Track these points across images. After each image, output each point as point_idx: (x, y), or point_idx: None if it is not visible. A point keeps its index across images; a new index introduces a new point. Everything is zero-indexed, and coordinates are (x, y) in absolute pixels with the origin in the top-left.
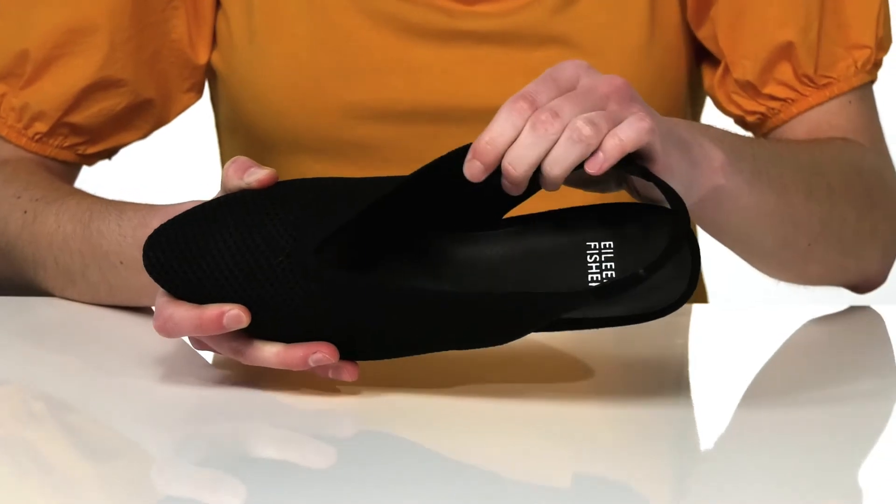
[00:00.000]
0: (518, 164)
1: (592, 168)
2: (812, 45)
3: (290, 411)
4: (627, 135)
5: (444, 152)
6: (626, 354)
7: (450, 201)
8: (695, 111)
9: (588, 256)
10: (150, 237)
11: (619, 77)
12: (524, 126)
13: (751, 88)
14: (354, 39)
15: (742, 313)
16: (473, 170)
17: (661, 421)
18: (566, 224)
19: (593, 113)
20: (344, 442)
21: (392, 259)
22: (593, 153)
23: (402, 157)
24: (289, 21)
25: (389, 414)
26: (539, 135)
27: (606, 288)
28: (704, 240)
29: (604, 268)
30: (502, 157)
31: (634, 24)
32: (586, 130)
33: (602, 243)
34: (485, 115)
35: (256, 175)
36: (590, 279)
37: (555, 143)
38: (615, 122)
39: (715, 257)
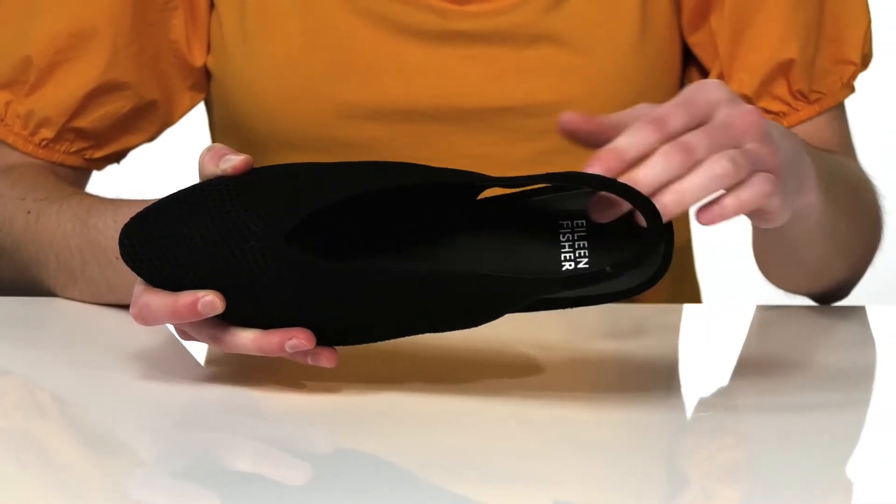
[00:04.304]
0: (646, 183)
1: (705, 218)
2: (809, 61)
3: (275, 417)
4: (749, 196)
5: (437, 151)
6: (618, 354)
7: (425, 185)
8: None
9: (561, 235)
10: (126, 225)
11: (755, 111)
12: (652, 148)
13: None
14: (347, 39)
15: (734, 313)
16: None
17: (653, 421)
18: (539, 204)
19: (736, 152)
20: (323, 453)
21: (366, 243)
22: (708, 204)
23: (395, 157)
24: (281, 21)
25: (373, 419)
26: (671, 162)
27: (575, 279)
28: (702, 243)
29: (577, 246)
30: (623, 169)
31: (626, 22)
32: (729, 169)
33: (575, 222)
34: (477, 115)
35: (231, 161)
36: (562, 258)
37: (682, 175)
38: (754, 167)
39: (710, 259)
